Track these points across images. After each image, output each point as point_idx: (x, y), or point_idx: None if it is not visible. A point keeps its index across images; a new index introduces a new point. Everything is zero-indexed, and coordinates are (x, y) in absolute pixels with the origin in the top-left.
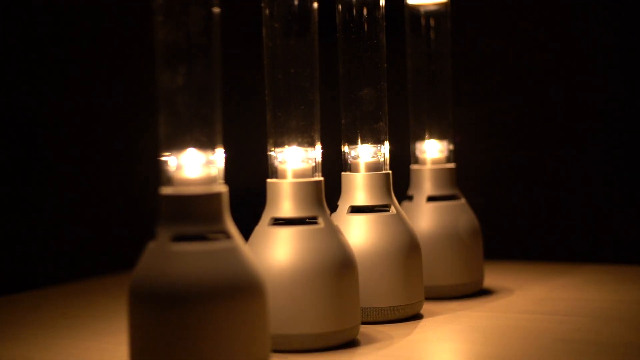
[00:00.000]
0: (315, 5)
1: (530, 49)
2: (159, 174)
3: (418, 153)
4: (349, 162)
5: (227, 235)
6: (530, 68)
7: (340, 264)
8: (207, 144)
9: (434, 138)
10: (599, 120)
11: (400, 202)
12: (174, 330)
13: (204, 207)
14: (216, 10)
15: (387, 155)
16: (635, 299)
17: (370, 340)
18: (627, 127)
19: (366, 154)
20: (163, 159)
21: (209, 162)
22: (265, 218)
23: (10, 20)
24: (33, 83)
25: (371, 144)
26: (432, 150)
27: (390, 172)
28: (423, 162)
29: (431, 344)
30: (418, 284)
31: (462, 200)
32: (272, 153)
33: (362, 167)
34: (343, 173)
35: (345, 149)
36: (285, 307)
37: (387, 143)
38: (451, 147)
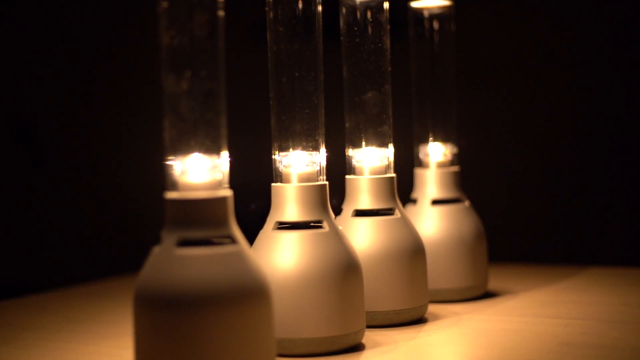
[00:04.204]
0: (320, 8)
1: (534, 51)
2: (164, 179)
3: (422, 156)
4: (353, 165)
5: (232, 240)
6: (533, 71)
7: (344, 268)
8: (212, 148)
9: (438, 141)
10: (603, 123)
11: (404, 205)
12: (179, 335)
13: (209, 211)
14: (220, 14)
15: (391, 159)
16: None
17: (375, 344)
18: (631, 129)
19: (370, 157)
20: (168, 163)
21: (214, 167)
22: (270, 222)
23: (14, 24)
24: (38, 88)
25: (375, 147)
26: (436, 154)
27: (394, 175)
28: (427, 165)
29: (436, 347)
30: (422, 288)
31: (467, 204)
32: (276, 157)
33: (366, 170)
34: (347, 176)
35: (350, 152)
36: (290, 311)
37: (391, 146)
38: (455, 150)
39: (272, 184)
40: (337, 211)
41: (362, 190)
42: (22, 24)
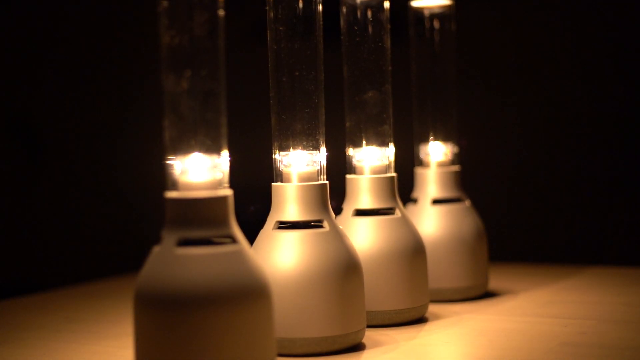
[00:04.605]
0: (320, 8)
1: (535, 51)
2: (164, 178)
3: (423, 155)
4: (353, 165)
5: (232, 239)
6: (534, 70)
7: (345, 268)
8: (212, 148)
9: (438, 140)
10: (603, 123)
11: (405, 204)
12: (180, 334)
13: (209, 210)
14: (221, 13)
15: (392, 158)
16: None
17: (376, 344)
18: (631, 129)
19: (371, 157)
20: (168, 162)
21: (214, 166)
22: (270, 222)
23: (15, 24)
24: (36, 87)
25: (376, 146)
26: (436, 153)
27: (395, 174)
28: (428, 165)
29: (436, 347)
30: (423, 287)
31: (467, 203)
32: (276, 156)
33: (366, 169)
34: (347, 176)
35: (350, 151)
36: (291, 310)
37: (391, 145)
38: (456, 149)
39: (273, 184)
40: (337, 212)
41: (363, 190)
42: (22, 24)
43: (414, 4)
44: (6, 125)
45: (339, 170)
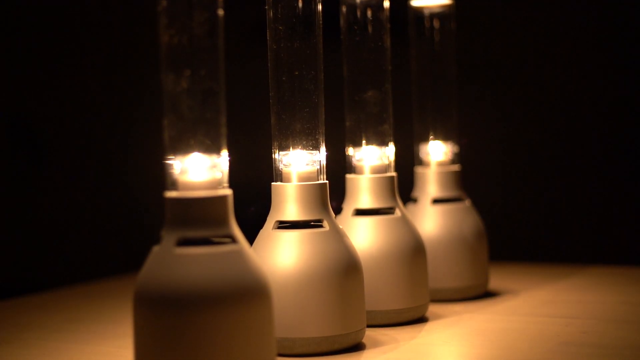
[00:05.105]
0: (320, 7)
1: (535, 50)
2: (164, 178)
3: (423, 155)
4: (353, 164)
5: (232, 239)
6: (534, 70)
7: (345, 267)
8: (211, 148)
9: (438, 140)
10: (603, 122)
11: (405, 204)
12: (179, 334)
13: (209, 210)
14: (220, 13)
15: (392, 157)
16: None
17: (376, 344)
18: (631, 128)
19: (371, 156)
20: (168, 162)
21: (213, 166)
22: (270, 221)
23: (13, 23)
24: (37, 87)
25: (376, 146)
26: (436, 153)
27: (395, 174)
28: (428, 164)
29: (436, 347)
30: (423, 287)
31: (467, 203)
32: (276, 156)
33: (366, 169)
34: (347, 175)
35: (350, 151)
36: (291, 310)
37: (391, 145)
38: (456, 149)
39: (272, 183)
40: (337, 211)
41: (363, 189)
42: (22, 24)
43: (414, 3)
44: (7, 126)
45: (339, 170)
